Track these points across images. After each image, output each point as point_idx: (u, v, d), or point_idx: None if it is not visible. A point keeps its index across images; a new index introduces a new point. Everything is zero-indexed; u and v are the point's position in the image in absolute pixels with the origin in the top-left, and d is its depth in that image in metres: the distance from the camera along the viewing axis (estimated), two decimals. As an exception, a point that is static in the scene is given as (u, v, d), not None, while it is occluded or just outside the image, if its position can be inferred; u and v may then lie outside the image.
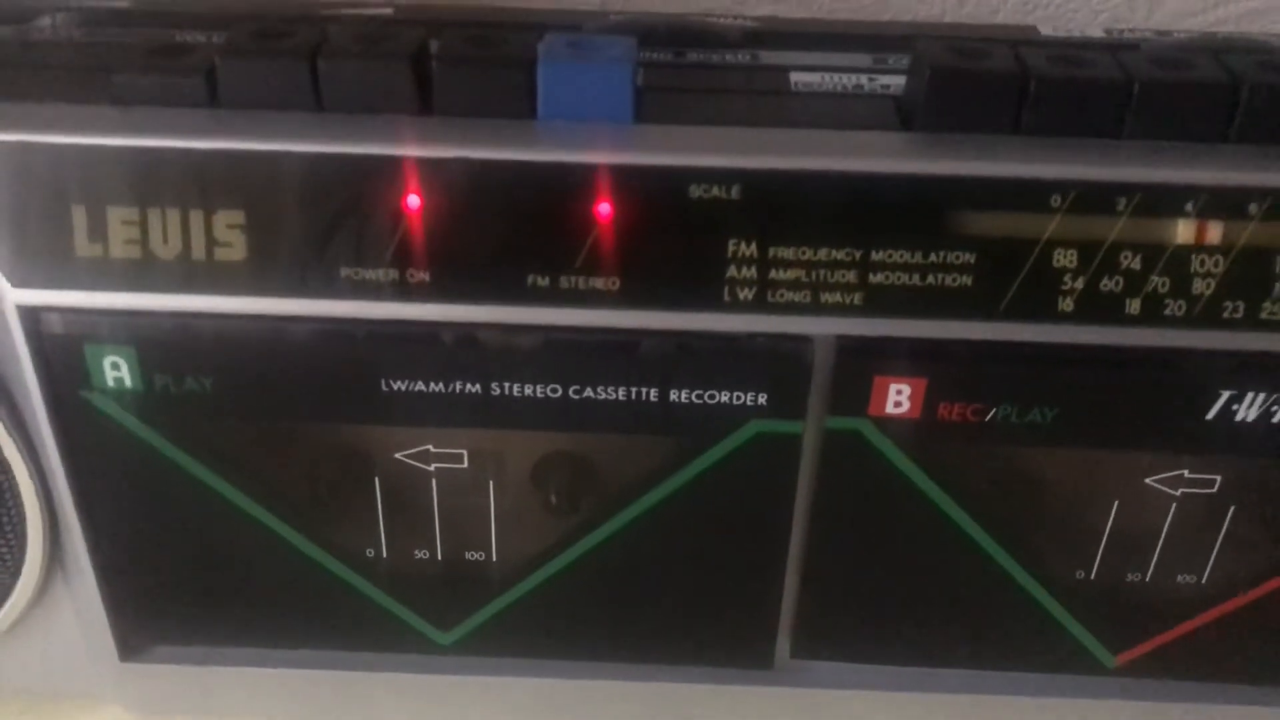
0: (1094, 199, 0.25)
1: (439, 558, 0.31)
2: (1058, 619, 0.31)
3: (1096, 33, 0.31)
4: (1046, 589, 0.31)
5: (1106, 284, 0.26)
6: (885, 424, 0.28)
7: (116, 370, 0.28)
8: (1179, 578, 0.30)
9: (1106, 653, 0.32)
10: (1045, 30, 0.31)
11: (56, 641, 0.33)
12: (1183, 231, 0.25)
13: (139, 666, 0.33)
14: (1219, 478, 0.29)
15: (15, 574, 0.31)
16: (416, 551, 0.31)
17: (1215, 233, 0.25)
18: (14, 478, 0.29)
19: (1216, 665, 0.32)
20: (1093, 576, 0.31)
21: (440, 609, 0.32)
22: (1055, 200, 0.25)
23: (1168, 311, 0.26)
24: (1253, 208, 0.25)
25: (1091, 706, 0.33)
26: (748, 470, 0.29)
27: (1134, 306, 0.26)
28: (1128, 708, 0.33)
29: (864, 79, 0.28)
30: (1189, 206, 0.25)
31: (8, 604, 0.32)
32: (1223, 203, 0.25)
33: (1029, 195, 0.25)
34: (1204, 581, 0.30)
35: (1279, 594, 0.31)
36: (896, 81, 0.28)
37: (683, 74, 0.29)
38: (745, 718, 0.34)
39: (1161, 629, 0.31)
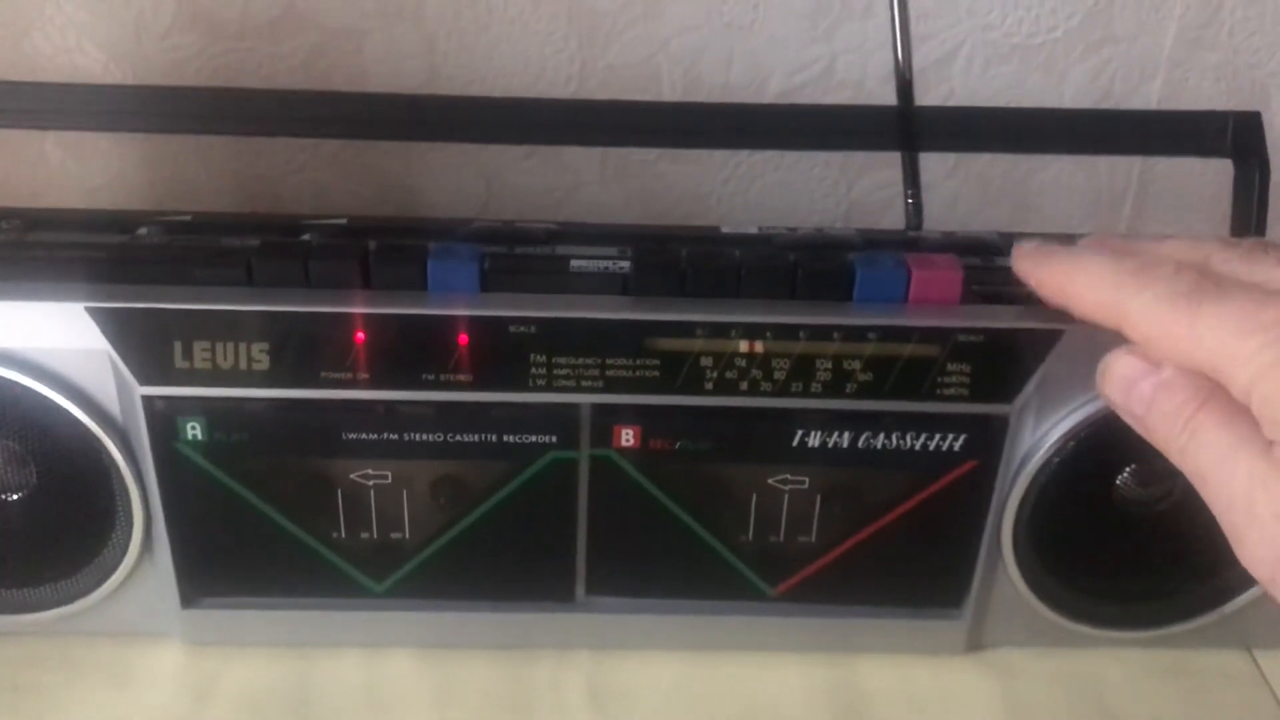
0: (719, 331, 0.46)
1: (374, 537, 0.50)
2: (733, 565, 0.51)
3: (753, 229, 0.54)
4: (725, 547, 0.51)
5: (729, 374, 0.47)
6: (623, 452, 0.49)
7: (194, 430, 0.47)
8: (799, 538, 0.51)
9: (767, 586, 0.52)
10: (725, 229, 0.54)
11: (141, 597, 0.51)
12: (765, 346, 0.47)
13: (193, 611, 0.52)
14: (807, 479, 0.50)
15: (122, 554, 0.50)
16: (362, 533, 0.50)
17: (778, 347, 0.46)
18: (128, 494, 0.49)
19: (836, 592, 0.52)
20: (751, 538, 0.51)
21: (376, 569, 0.51)
22: (699, 331, 0.46)
23: (761, 388, 0.47)
24: (801, 334, 0.46)
25: (762, 621, 0.53)
26: (550, 480, 0.49)
27: (744, 385, 0.47)
28: (785, 622, 0.53)
29: (610, 264, 0.47)
30: (767, 334, 0.46)
31: (117, 572, 0.50)
32: (784, 332, 0.46)
33: (686, 329, 0.46)
34: (814, 539, 0.51)
35: (858, 548, 0.51)
36: (626, 265, 0.48)
37: (511, 261, 0.48)
38: (560, 631, 0.53)
39: (796, 571, 0.51)
